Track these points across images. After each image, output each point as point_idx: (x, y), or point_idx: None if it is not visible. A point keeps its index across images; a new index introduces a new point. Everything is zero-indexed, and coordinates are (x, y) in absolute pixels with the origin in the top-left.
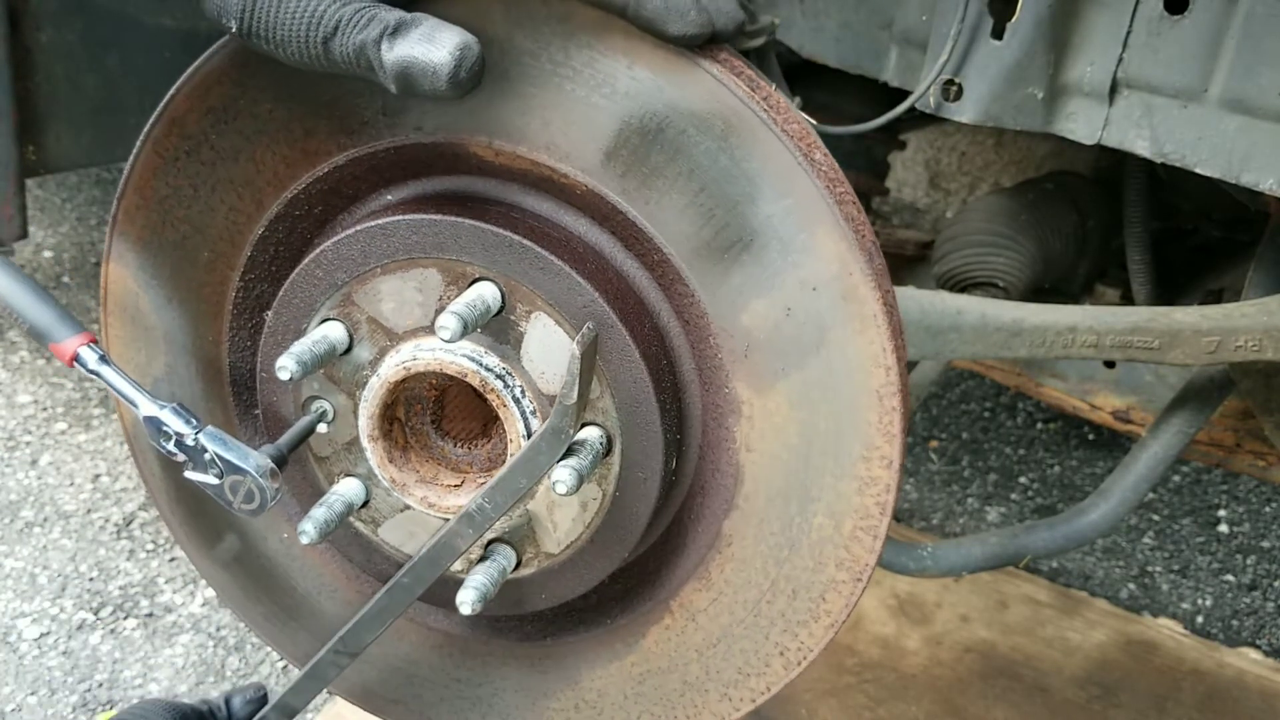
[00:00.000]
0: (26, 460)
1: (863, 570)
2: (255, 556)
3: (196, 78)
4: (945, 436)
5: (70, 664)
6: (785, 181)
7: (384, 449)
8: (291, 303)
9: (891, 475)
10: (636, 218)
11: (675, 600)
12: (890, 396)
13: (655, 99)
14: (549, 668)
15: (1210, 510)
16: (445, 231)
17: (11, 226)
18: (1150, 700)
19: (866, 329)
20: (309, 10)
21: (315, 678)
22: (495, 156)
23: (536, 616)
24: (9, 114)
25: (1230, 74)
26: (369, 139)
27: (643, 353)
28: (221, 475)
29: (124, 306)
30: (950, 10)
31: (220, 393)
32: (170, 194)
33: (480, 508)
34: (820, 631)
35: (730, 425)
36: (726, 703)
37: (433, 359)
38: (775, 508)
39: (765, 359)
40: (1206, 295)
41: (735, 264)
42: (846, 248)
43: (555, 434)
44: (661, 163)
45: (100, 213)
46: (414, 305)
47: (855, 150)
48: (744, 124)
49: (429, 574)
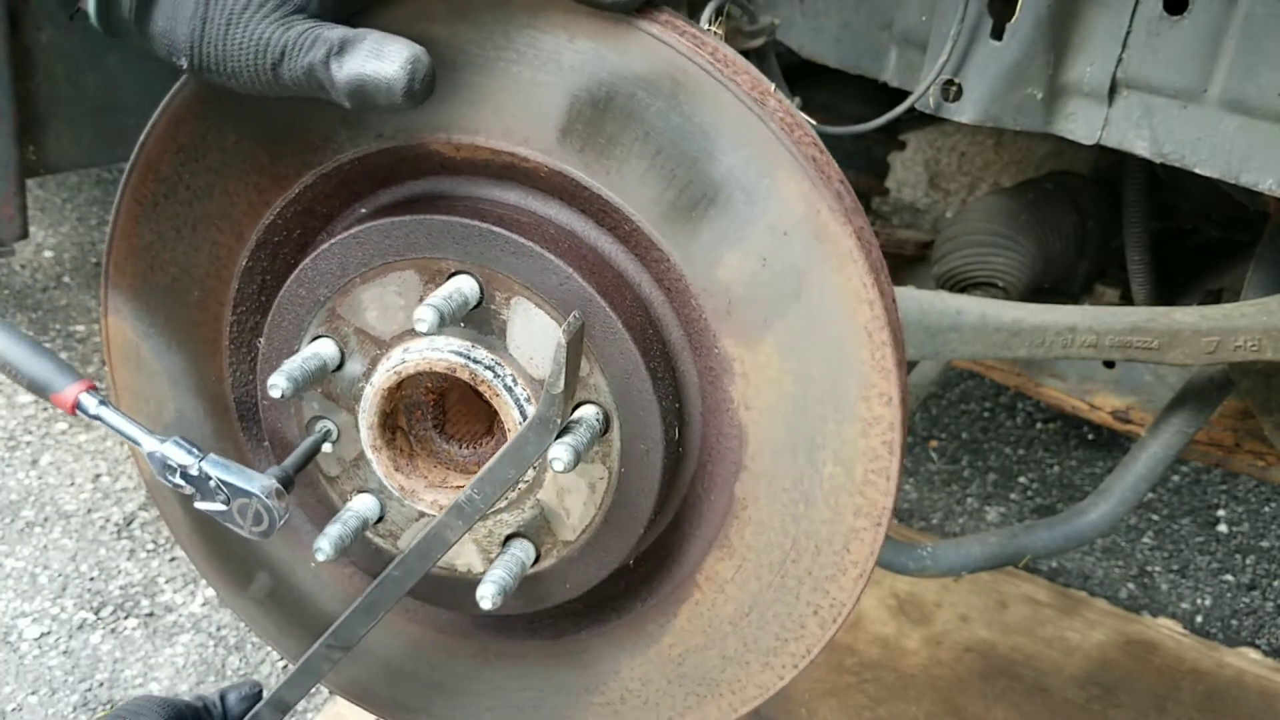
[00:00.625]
0: (27, 460)
1: (881, 514)
2: (288, 590)
3: (164, 119)
4: (945, 436)
5: (71, 663)
6: (740, 131)
7: (389, 458)
8: (280, 326)
9: (893, 412)
10: (601, 190)
11: (700, 574)
12: (879, 331)
13: (600, 68)
14: (588, 662)
15: (1209, 510)
16: (415, 230)
17: (12, 227)
18: (1150, 700)
19: (844, 266)
20: (254, 38)
21: (308, 673)
22: (456, 151)
23: (568, 611)
24: (9, 114)
25: (1230, 74)
26: (333, 153)
27: (626, 324)
28: (229, 501)
29: (127, 357)
30: (950, 10)
31: (230, 430)
32: (154, 239)
33: (469, 499)
34: (850, 584)
35: (726, 386)
36: (770, 672)
37: (421, 359)
38: (783, 463)
39: (749, 312)
40: (1206, 295)
41: (704, 221)
42: (810, 187)
43: (543, 423)
44: (616, 131)
45: (100, 213)
46: (396, 309)
47: (855, 150)
48: (691, 80)
49: (419, 567)
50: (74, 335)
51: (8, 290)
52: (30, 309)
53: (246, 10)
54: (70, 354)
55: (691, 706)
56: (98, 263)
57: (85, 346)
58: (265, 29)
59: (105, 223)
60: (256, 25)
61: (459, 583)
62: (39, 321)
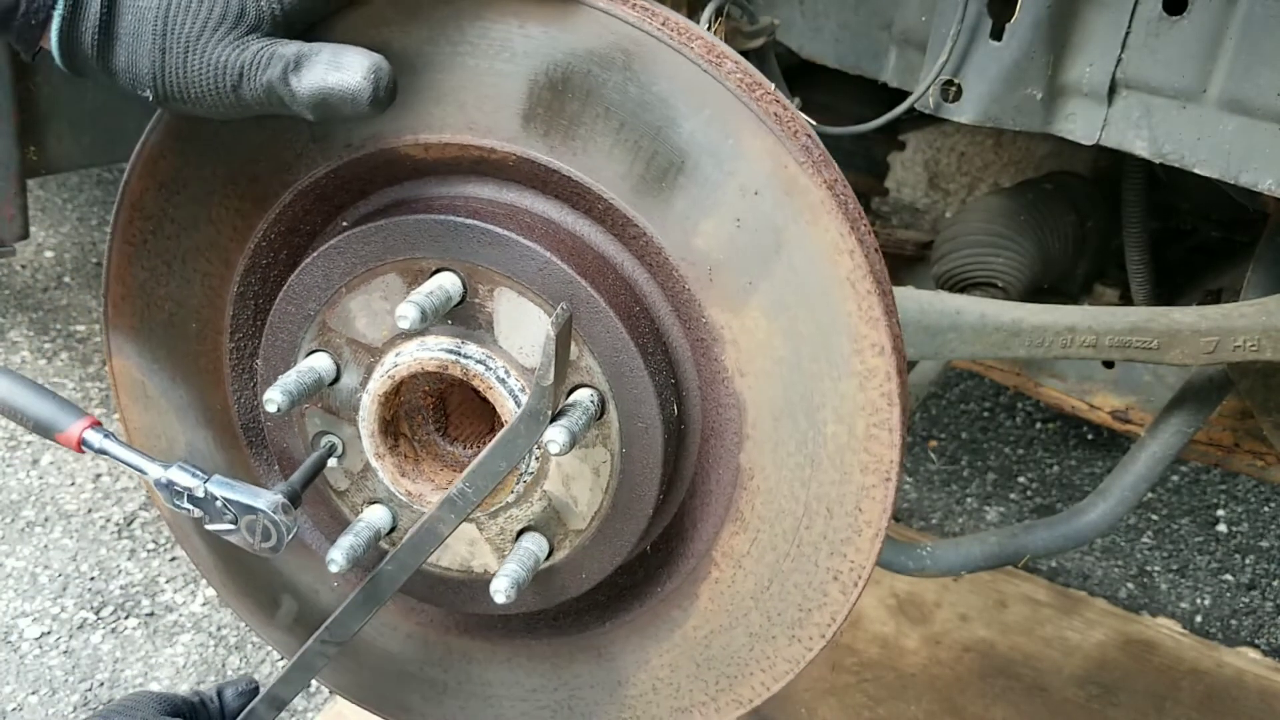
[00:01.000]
0: (28, 460)
1: (889, 469)
2: (314, 613)
3: (142, 156)
4: (944, 436)
5: (71, 663)
6: (698, 94)
7: (394, 464)
8: (275, 345)
9: (887, 362)
10: (570, 171)
11: (716, 550)
12: (862, 280)
13: (553, 49)
14: (615, 654)
15: (1209, 510)
16: (392, 233)
17: (13, 227)
18: (1149, 700)
19: (818, 218)
20: (212, 63)
21: (303, 668)
22: (426, 152)
23: (590, 604)
24: (10, 115)
25: (1229, 74)
26: (307, 169)
27: (611, 303)
28: (236, 520)
29: (135, 397)
30: (949, 11)
31: (242, 457)
32: (148, 276)
33: (461, 492)
34: (866, 545)
35: (718, 355)
36: (798, 645)
37: (413, 360)
38: (784, 427)
39: (730, 277)
40: (1205, 295)
41: (675, 190)
42: (775, 142)
43: (533, 415)
44: (577, 110)
45: (101, 213)
46: (384, 315)
47: (855, 150)
48: (643, 49)
49: (412, 561)
50: (74, 335)
51: (8, 290)
52: (31, 309)
53: (202, 36)
54: (71, 354)
55: (724, 689)
56: (98, 263)
57: (85, 346)
58: (221, 52)
59: (106, 223)
60: (213, 50)
61: (478, 584)
62: (40, 321)
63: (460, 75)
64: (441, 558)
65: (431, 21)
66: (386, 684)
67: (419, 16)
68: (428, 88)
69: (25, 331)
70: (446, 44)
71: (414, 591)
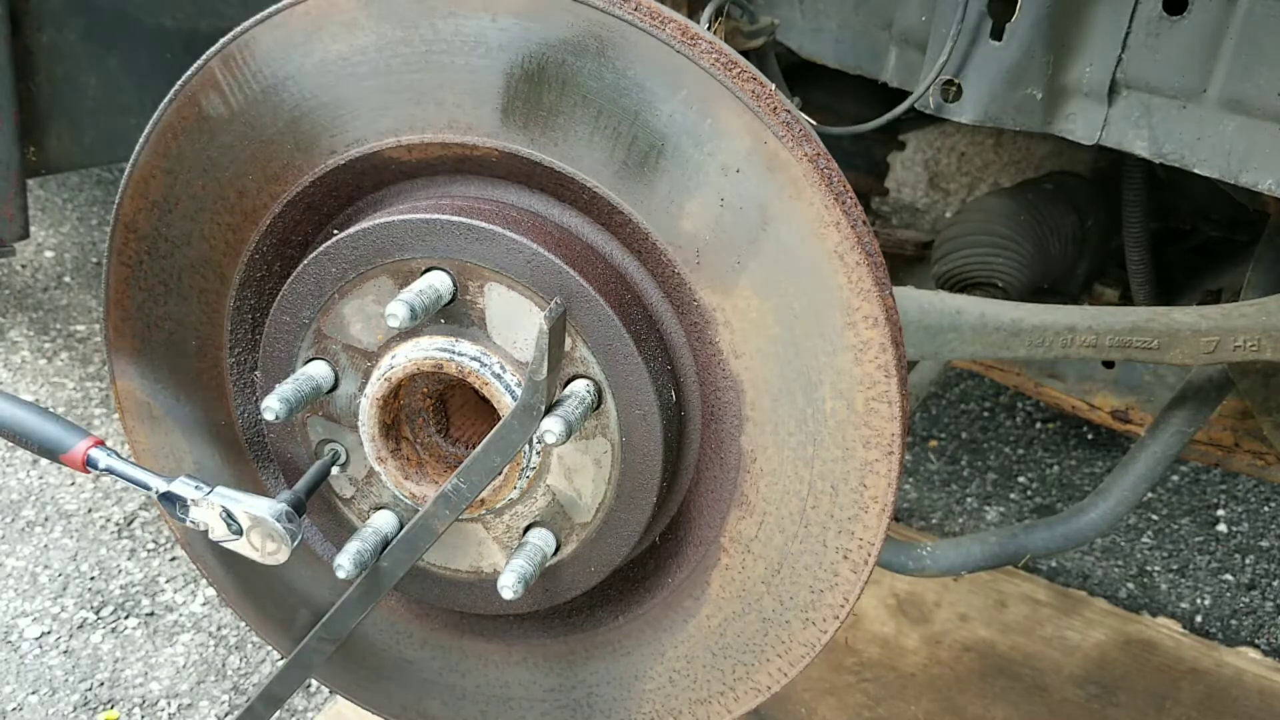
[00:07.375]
0: (28, 459)
1: (891, 442)
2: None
3: (134, 177)
4: (944, 436)
5: (71, 663)
6: (673, 76)
7: (397, 467)
8: (273, 356)
9: (882, 333)
10: (552, 162)
11: (724, 536)
12: (850, 252)
13: (527, 41)
14: (630, 648)
15: (1209, 510)
16: (380, 235)
17: (13, 227)
18: (1149, 699)
19: (802, 192)
20: None
21: (300, 666)
22: (409, 153)
23: (603, 598)
24: (10, 115)
25: (1229, 74)
26: (294, 178)
27: (601, 292)
28: (242, 530)
29: (141, 418)
30: (950, 11)
31: (249, 472)
32: (145, 297)
33: (456, 488)
34: (874, 521)
35: (712, 337)
36: (811, 628)
37: (408, 360)
38: (783, 406)
39: (718, 257)
40: (1205, 295)
41: (657, 173)
42: (753, 118)
43: (526, 410)
44: (555, 100)
45: (101, 212)
46: (377, 319)
47: (855, 150)
48: (615, 34)
49: (407, 557)
50: (74, 335)
51: (8, 290)
52: (31, 309)
53: None
54: (71, 354)
55: (741, 678)
56: (98, 262)
57: (86, 346)
58: None
59: (106, 223)
60: None
61: (488, 585)
62: (40, 321)
63: (436, 74)
64: (452, 561)
65: (404, 21)
66: (407, 693)
67: (389, 19)
68: (407, 89)
69: (25, 331)
70: (420, 42)
71: (427, 596)
